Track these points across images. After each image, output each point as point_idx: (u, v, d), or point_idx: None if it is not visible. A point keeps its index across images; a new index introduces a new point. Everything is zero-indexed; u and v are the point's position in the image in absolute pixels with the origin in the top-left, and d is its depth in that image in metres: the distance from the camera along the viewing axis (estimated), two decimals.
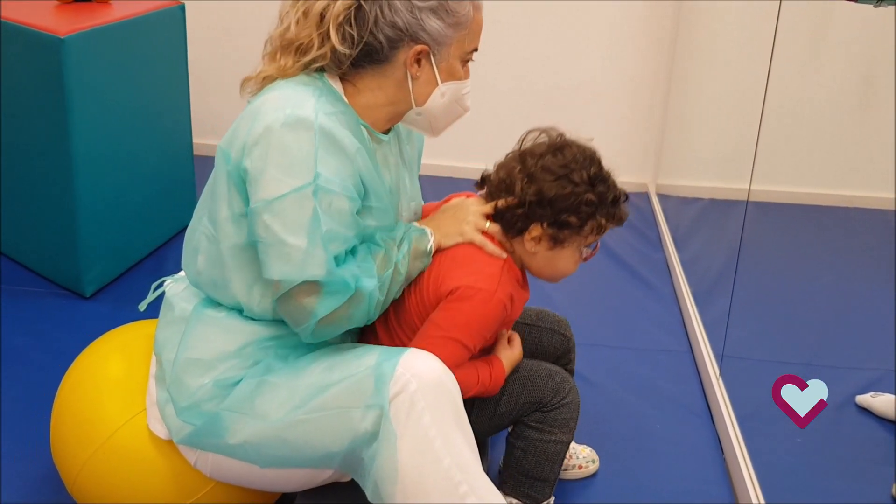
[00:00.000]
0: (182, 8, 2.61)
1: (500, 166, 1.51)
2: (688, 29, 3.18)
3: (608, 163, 1.52)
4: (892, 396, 2.06)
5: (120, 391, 1.56)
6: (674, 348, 2.34)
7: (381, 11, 1.37)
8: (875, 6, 1.42)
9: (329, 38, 1.36)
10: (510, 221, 1.47)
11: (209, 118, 3.41)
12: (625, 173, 3.35)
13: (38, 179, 2.32)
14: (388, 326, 1.53)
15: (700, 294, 2.54)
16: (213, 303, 1.48)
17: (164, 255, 2.64)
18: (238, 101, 1.48)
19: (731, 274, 2.20)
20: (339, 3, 1.36)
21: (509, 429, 1.61)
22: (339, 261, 1.34)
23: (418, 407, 1.29)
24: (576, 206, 1.43)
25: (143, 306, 1.67)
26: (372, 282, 1.36)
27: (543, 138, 1.50)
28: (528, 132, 1.52)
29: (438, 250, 1.49)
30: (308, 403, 1.35)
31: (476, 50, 1.47)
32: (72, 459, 1.54)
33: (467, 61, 1.46)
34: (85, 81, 2.22)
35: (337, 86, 1.42)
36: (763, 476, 1.79)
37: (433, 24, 1.38)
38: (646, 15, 3.21)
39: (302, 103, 1.33)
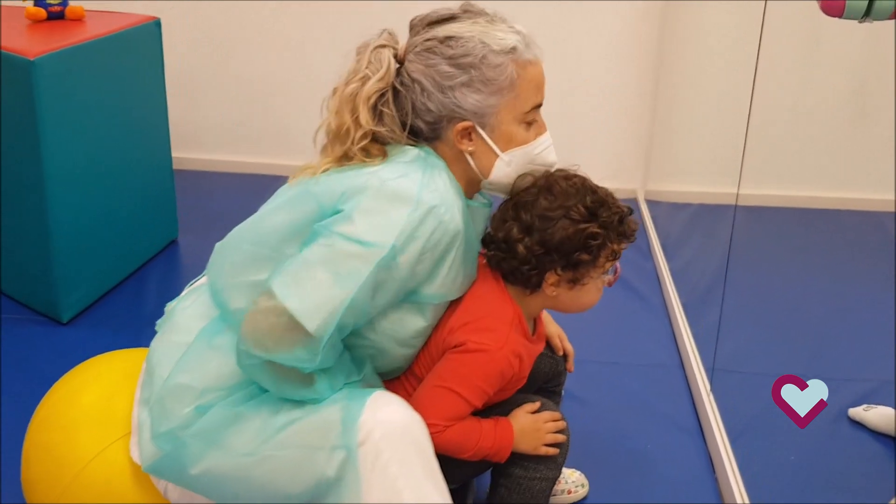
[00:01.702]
0: (157, 23, 2.57)
1: (496, 226, 1.44)
2: (673, 33, 3.14)
3: (597, 170, 1.47)
4: (886, 409, 2.01)
5: (92, 422, 1.51)
6: (664, 362, 2.30)
7: (416, 97, 1.37)
8: (860, 21, 1.39)
9: (360, 120, 1.35)
10: (525, 279, 1.41)
11: (190, 131, 3.37)
12: (613, 179, 3.37)
13: (10, 203, 2.27)
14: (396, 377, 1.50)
15: (690, 305, 2.50)
16: (221, 329, 1.41)
17: (145, 276, 2.59)
18: (220, 113, 1.44)
19: (720, 283, 2.16)
20: (367, 86, 1.36)
21: None
22: (343, 331, 1.30)
23: (384, 457, 1.24)
24: (584, 243, 1.37)
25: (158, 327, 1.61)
26: (325, 391, 1.31)
27: (529, 180, 1.43)
28: (516, 179, 1.44)
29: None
30: (272, 439, 1.30)
31: (539, 106, 1.41)
32: (42, 497, 1.49)
33: (531, 122, 1.41)
34: (57, 102, 2.17)
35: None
36: (755, 496, 1.75)
37: (470, 98, 1.35)
38: (631, 20, 3.18)
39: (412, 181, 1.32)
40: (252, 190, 1.53)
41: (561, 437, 1.48)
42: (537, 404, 1.49)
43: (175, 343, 1.43)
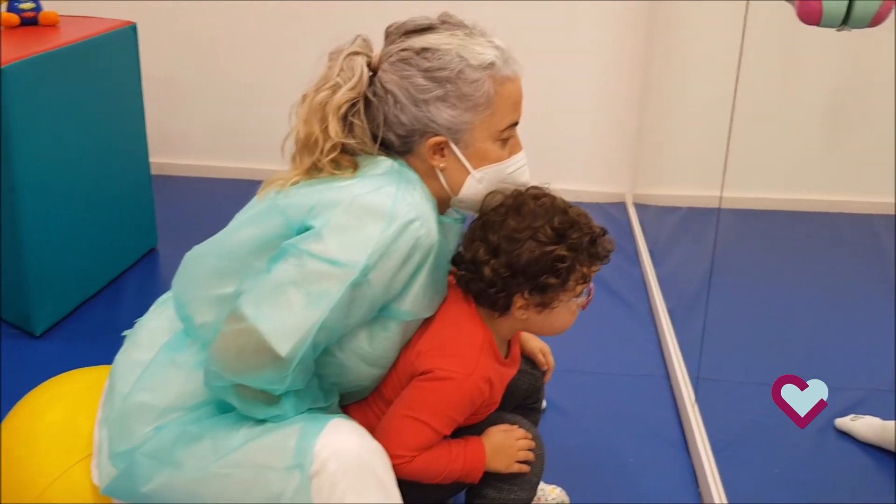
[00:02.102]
0: (133, 28, 2.53)
1: (465, 245, 1.39)
2: (659, 38, 3.11)
3: (586, 175, 1.42)
4: (874, 419, 1.98)
5: (56, 441, 1.46)
6: (650, 372, 2.26)
7: (388, 109, 1.32)
8: (837, 30, 1.36)
9: (330, 131, 1.30)
10: (492, 302, 1.36)
11: (174, 136, 3.33)
12: (601, 183, 3.34)
13: None
14: (364, 398, 1.46)
15: (677, 312, 2.46)
16: (183, 344, 1.37)
17: (122, 286, 2.55)
18: (205, 117, 1.39)
19: (705, 289, 2.12)
20: (338, 95, 1.30)
21: None
22: (317, 349, 1.26)
23: (340, 488, 1.20)
24: (551, 266, 1.32)
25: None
26: (289, 411, 1.27)
27: (498, 198, 1.38)
28: (485, 197, 1.40)
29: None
30: (225, 458, 1.27)
31: (516, 123, 1.37)
32: None
33: (506, 139, 1.36)
34: (28, 111, 2.13)
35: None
36: None
37: (444, 114, 1.31)
38: (618, 23, 3.14)
39: (384, 192, 1.27)
40: (236, 196, 1.49)
41: (531, 455, 1.43)
42: (514, 426, 1.45)
43: (136, 360, 1.39)
